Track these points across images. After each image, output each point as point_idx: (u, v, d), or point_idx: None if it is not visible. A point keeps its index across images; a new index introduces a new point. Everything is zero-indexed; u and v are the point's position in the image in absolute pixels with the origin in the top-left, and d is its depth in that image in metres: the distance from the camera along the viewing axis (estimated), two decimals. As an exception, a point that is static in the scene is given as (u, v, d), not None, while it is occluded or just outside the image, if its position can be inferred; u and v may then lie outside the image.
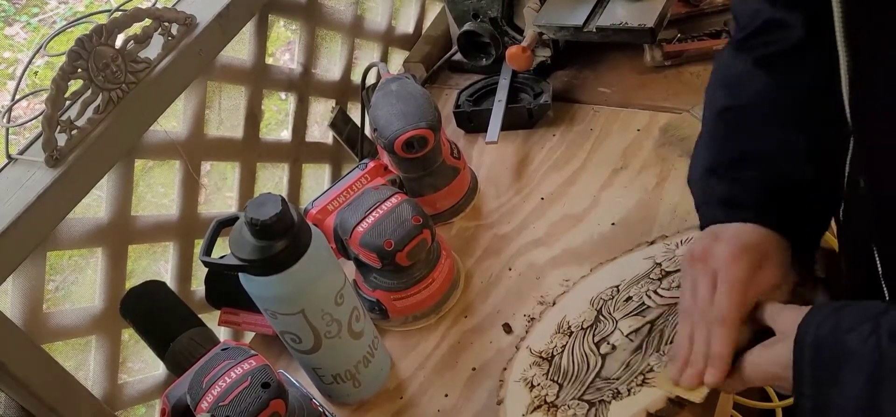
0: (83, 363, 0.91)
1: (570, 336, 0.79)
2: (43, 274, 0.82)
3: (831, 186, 0.68)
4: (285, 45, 2.31)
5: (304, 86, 1.12)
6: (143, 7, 0.86)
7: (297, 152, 1.12)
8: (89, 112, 0.81)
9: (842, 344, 0.54)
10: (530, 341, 0.82)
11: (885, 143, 0.55)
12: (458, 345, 0.89)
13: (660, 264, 0.82)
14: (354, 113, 1.20)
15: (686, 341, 0.66)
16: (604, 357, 0.75)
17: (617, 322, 0.78)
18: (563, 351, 0.78)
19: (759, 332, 0.63)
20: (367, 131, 1.11)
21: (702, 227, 0.71)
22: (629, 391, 0.69)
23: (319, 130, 1.21)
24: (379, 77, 1.04)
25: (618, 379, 0.72)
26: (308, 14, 1.10)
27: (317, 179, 1.19)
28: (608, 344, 0.76)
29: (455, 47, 1.23)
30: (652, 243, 0.87)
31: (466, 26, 1.19)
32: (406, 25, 1.32)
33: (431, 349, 0.90)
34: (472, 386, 0.84)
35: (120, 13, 0.82)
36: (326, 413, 0.84)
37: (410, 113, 0.94)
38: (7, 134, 0.81)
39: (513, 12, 1.19)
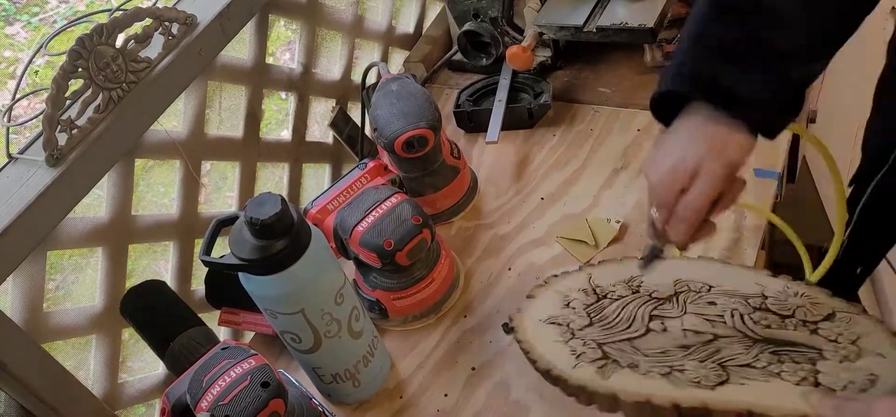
0: (83, 362, 0.91)
1: (633, 293, 0.74)
2: (43, 274, 0.82)
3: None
4: (286, 44, 2.30)
5: (304, 85, 1.12)
6: (144, 7, 0.86)
7: (298, 152, 1.12)
8: (90, 111, 0.81)
9: None
10: (595, 272, 0.76)
11: None
12: (458, 345, 0.89)
13: (767, 298, 0.72)
14: (355, 112, 1.20)
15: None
16: (649, 330, 0.70)
17: (686, 312, 0.72)
18: (617, 300, 0.73)
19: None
20: (368, 131, 1.11)
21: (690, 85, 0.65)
22: (647, 372, 0.65)
23: (320, 130, 1.21)
24: (379, 77, 1.04)
25: (645, 356, 0.68)
26: (308, 14, 1.10)
27: (317, 179, 1.19)
28: (662, 323, 0.71)
29: (455, 47, 1.23)
30: (776, 276, 0.75)
31: (467, 26, 1.19)
32: (406, 25, 1.32)
33: (431, 348, 0.90)
34: (471, 386, 0.85)
35: (120, 13, 0.82)
36: (326, 412, 0.85)
37: (410, 113, 0.94)
38: (7, 133, 0.81)
39: (513, 12, 1.20)
